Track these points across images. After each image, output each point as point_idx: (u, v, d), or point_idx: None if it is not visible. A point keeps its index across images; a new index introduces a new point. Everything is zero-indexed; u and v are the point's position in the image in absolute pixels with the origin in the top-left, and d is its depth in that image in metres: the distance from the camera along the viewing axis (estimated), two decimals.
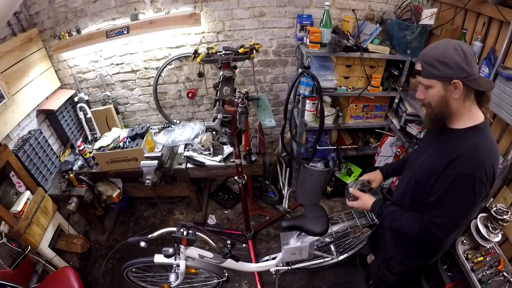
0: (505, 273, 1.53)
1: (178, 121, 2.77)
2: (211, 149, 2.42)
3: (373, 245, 1.94)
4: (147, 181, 2.21)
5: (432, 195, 1.14)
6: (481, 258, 1.61)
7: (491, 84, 1.11)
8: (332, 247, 2.10)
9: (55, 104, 2.35)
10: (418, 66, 1.09)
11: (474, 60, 1.03)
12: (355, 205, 1.48)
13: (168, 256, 1.59)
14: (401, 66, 2.17)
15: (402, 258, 1.49)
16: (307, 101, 2.31)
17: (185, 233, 1.52)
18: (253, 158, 2.37)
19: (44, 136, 2.28)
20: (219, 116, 1.53)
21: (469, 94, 1.06)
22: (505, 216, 1.47)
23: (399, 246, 1.47)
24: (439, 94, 1.07)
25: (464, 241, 1.74)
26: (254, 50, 2.00)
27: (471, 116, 1.09)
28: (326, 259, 2.10)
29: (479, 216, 1.62)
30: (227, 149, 2.45)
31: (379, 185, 1.60)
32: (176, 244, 1.58)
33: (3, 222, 1.81)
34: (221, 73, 1.89)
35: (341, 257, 2.12)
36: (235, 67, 2.02)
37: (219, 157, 2.39)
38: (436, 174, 1.11)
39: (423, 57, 1.07)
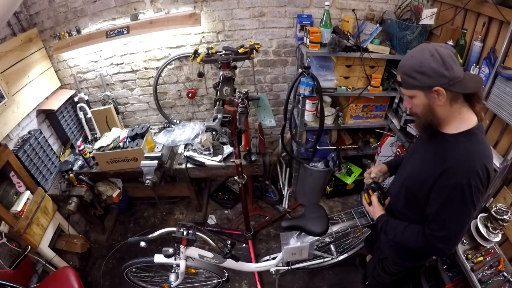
0: (505, 273, 1.53)
1: (178, 121, 2.77)
2: (211, 149, 2.42)
3: (370, 246, 1.94)
4: (147, 181, 2.21)
5: (429, 207, 1.13)
6: (481, 258, 1.61)
7: (478, 84, 1.04)
8: (332, 247, 2.10)
9: (55, 104, 2.35)
10: (399, 78, 1.07)
11: (456, 61, 0.98)
12: (366, 208, 1.46)
13: (168, 256, 1.59)
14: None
15: (397, 258, 1.49)
16: (307, 101, 2.31)
17: (185, 233, 1.52)
18: (253, 158, 2.37)
19: (44, 136, 2.28)
20: (219, 116, 1.54)
21: (455, 97, 1.02)
22: (505, 216, 1.48)
23: (392, 247, 1.47)
24: (423, 103, 1.05)
25: (464, 241, 1.73)
26: (254, 50, 2.00)
27: (462, 120, 1.06)
28: (326, 259, 2.10)
29: (479, 216, 1.63)
30: (227, 149, 2.45)
31: (387, 177, 1.57)
32: (176, 244, 1.58)
33: (3, 222, 1.81)
34: (221, 73, 1.89)
35: (341, 257, 2.12)
36: (235, 67, 2.02)
37: (219, 157, 2.39)
38: (429, 183, 1.09)
39: (401, 68, 1.05)
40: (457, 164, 1.02)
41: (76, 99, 2.52)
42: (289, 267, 2.01)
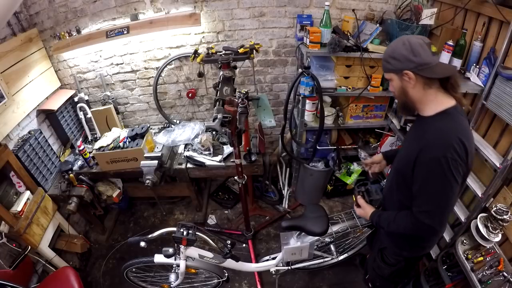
0: (505, 273, 1.53)
1: (178, 121, 2.77)
2: (211, 149, 2.42)
3: (371, 243, 1.95)
4: (147, 181, 2.21)
5: (414, 185, 1.18)
6: (481, 258, 1.61)
7: (448, 70, 1.15)
8: (332, 247, 2.10)
9: (55, 104, 2.35)
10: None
11: (425, 50, 1.09)
12: (357, 212, 1.56)
13: (168, 256, 1.59)
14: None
15: (395, 247, 1.50)
16: (307, 101, 2.31)
17: (185, 233, 1.52)
18: (253, 158, 2.37)
19: (44, 136, 2.28)
20: (219, 116, 1.54)
21: (429, 82, 1.12)
22: (505, 216, 1.48)
23: (389, 236, 1.50)
24: (398, 85, 1.19)
25: (464, 241, 1.74)
26: (254, 50, 2.00)
27: (438, 103, 1.15)
28: (326, 259, 2.10)
29: (479, 216, 1.63)
30: (227, 149, 2.45)
31: (384, 166, 1.66)
32: (176, 244, 1.58)
33: (3, 222, 1.81)
34: (221, 73, 1.89)
35: (341, 257, 2.12)
36: (235, 67, 2.02)
37: (219, 157, 2.39)
38: (411, 162, 1.16)
39: (382, 56, 1.22)
40: (432, 140, 1.10)
41: (76, 99, 2.52)
42: (289, 267, 2.01)
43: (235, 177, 2.11)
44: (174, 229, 1.56)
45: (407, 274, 1.72)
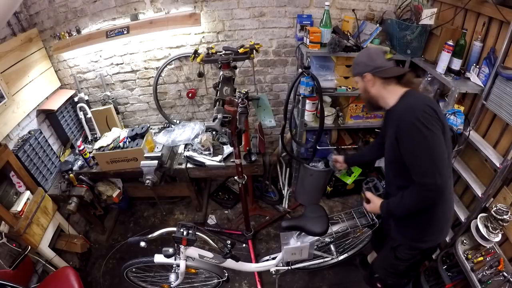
0: (505, 273, 1.53)
1: (178, 121, 2.77)
2: (211, 149, 2.42)
3: (375, 244, 1.97)
4: (147, 181, 2.21)
5: (405, 159, 1.28)
6: (481, 258, 1.61)
7: (398, 71, 1.37)
8: (332, 247, 2.10)
9: (55, 104, 2.35)
10: None
11: (381, 56, 1.37)
12: (367, 207, 1.60)
13: (168, 256, 1.59)
14: (401, 66, 2.17)
15: (410, 242, 1.50)
16: (307, 101, 2.31)
17: (185, 233, 1.52)
18: (253, 158, 2.37)
19: (44, 136, 2.28)
20: (219, 116, 1.54)
21: (387, 81, 1.36)
22: (505, 216, 1.48)
23: (403, 228, 1.50)
24: (362, 85, 1.45)
25: (464, 241, 1.74)
26: (254, 50, 2.00)
27: (396, 93, 1.35)
28: (326, 259, 2.10)
29: (479, 216, 1.63)
30: (227, 149, 2.45)
31: (345, 168, 2.00)
32: (176, 244, 1.58)
33: (3, 222, 1.81)
34: (221, 73, 1.89)
35: (341, 257, 2.12)
36: (235, 67, 2.02)
37: (219, 157, 2.39)
38: (394, 143, 1.31)
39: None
40: (403, 115, 1.27)
41: (76, 99, 2.52)
42: (289, 267, 2.01)
43: (235, 177, 2.10)
44: (174, 229, 1.56)
45: (420, 266, 1.77)
